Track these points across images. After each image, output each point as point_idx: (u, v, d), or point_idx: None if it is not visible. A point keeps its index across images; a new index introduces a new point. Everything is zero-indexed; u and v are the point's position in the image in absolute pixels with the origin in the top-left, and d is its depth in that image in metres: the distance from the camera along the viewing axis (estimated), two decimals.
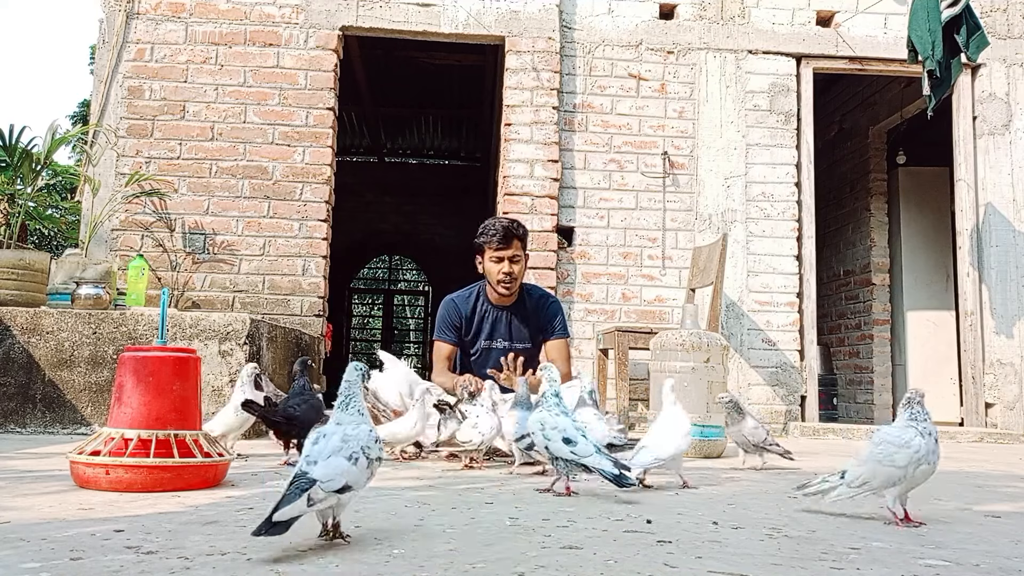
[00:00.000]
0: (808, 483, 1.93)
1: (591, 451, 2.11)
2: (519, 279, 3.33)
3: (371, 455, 1.53)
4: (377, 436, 1.58)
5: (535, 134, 5.20)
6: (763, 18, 5.45)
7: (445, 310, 3.44)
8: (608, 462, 2.09)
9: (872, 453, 1.85)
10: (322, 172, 5.06)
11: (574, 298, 5.14)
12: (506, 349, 3.34)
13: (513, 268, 3.27)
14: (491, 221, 3.37)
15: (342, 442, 1.50)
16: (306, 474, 1.43)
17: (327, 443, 1.50)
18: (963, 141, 5.53)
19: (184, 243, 4.97)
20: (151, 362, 2.20)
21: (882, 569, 1.40)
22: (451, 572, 1.29)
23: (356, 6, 5.18)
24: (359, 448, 1.50)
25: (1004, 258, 5.39)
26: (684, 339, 3.62)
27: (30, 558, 1.31)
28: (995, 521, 1.97)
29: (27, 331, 3.66)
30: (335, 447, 1.49)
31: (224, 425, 2.80)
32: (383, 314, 13.76)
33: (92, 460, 2.09)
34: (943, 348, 6.76)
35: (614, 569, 1.34)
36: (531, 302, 3.44)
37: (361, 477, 1.50)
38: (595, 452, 2.11)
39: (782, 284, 5.26)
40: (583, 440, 2.14)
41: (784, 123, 5.39)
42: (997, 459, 3.81)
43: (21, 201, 4.76)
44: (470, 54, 6.92)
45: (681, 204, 5.29)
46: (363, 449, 1.51)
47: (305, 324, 4.94)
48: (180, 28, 5.11)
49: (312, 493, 1.39)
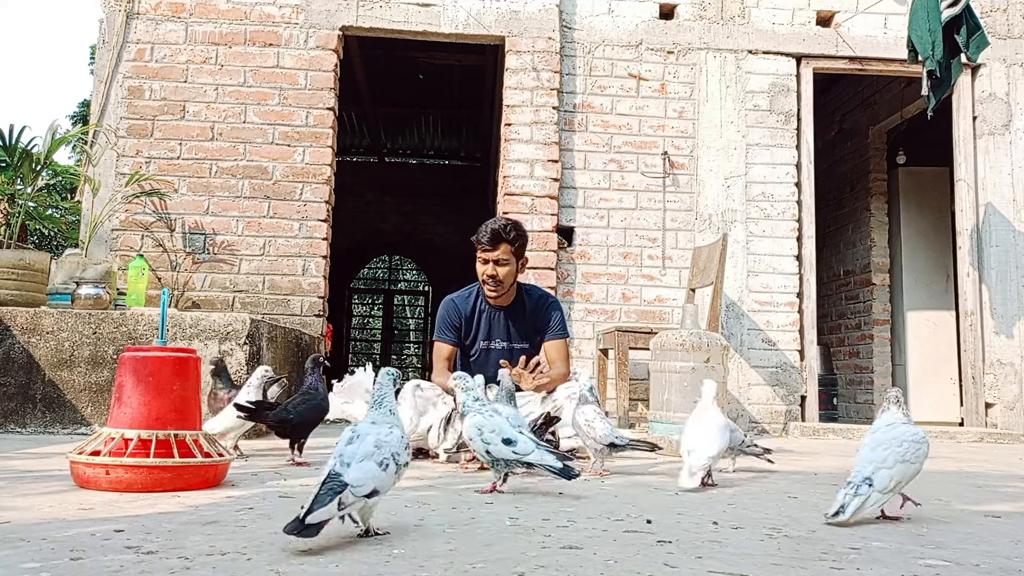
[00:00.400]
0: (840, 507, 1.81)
1: (532, 448, 2.13)
2: (504, 283, 3.26)
3: (400, 461, 1.59)
4: (407, 442, 1.65)
5: (535, 134, 5.20)
6: (763, 18, 5.45)
7: (445, 310, 3.41)
8: (551, 456, 2.11)
9: (898, 453, 1.86)
10: (322, 172, 5.06)
11: (574, 298, 5.14)
12: (504, 350, 3.32)
13: (497, 271, 3.21)
14: (488, 221, 3.34)
15: (375, 447, 1.55)
16: (339, 476, 1.47)
17: (360, 445, 1.55)
18: (963, 141, 5.53)
19: (184, 243, 4.97)
20: (151, 362, 2.20)
21: (882, 569, 1.40)
22: (451, 572, 1.29)
23: (356, 6, 5.18)
24: (390, 455, 1.56)
25: (1004, 258, 5.39)
26: (684, 339, 3.62)
27: (30, 558, 1.31)
28: (995, 521, 1.97)
29: (27, 331, 3.66)
30: (368, 451, 1.54)
31: (223, 425, 2.80)
32: (383, 314, 13.76)
33: (92, 460, 2.09)
34: (943, 348, 6.76)
35: (614, 569, 1.34)
36: (530, 303, 3.41)
37: (388, 482, 1.55)
38: (536, 448, 2.13)
39: (782, 284, 5.26)
40: (522, 438, 2.16)
41: (784, 123, 5.39)
42: (997, 459, 3.81)
43: (21, 201, 4.76)
44: (470, 54, 6.92)
45: (681, 204, 5.29)
46: (393, 456, 1.57)
47: (305, 324, 4.94)
48: (180, 28, 5.11)
49: (343, 497, 1.44)
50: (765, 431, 5.06)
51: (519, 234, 3.27)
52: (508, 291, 3.33)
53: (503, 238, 3.20)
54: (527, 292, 3.44)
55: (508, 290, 3.32)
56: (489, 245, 3.20)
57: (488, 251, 3.21)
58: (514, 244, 3.23)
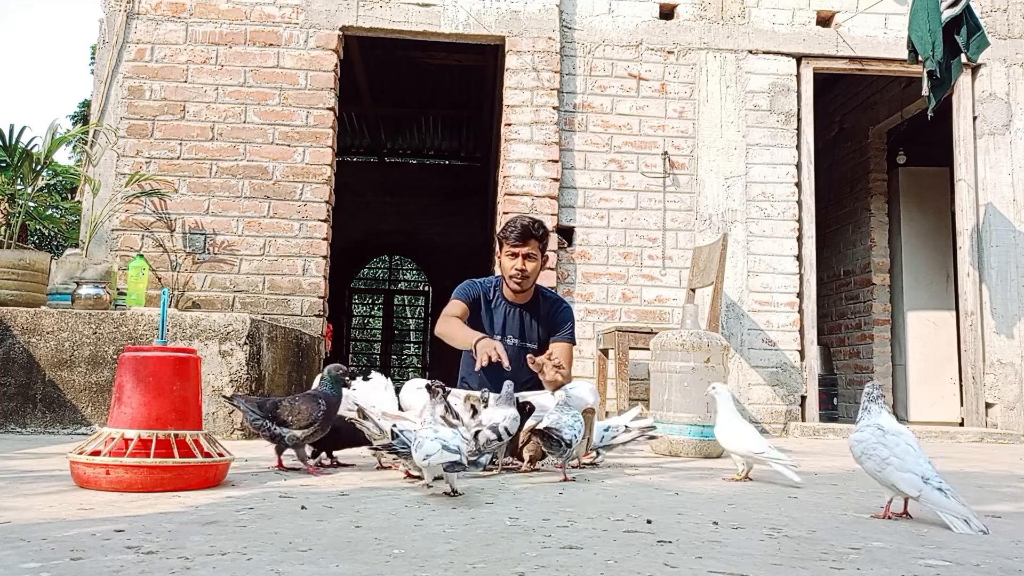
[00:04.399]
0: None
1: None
2: (532, 277, 3.37)
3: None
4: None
5: (535, 134, 5.20)
6: (763, 18, 5.45)
7: (469, 284, 3.52)
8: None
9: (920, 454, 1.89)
10: (322, 172, 5.06)
11: (574, 298, 5.14)
12: (516, 347, 3.39)
13: (526, 265, 3.33)
14: (515, 217, 3.45)
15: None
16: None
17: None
18: (963, 141, 5.53)
19: (184, 243, 4.97)
20: (151, 362, 2.20)
21: (882, 569, 1.40)
22: (451, 572, 1.29)
23: (356, 6, 5.18)
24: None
25: (1004, 258, 5.38)
26: (684, 339, 3.62)
27: (30, 558, 1.31)
28: (995, 521, 1.97)
29: (27, 331, 3.66)
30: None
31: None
32: (383, 314, 13.76)
33: (92, 460, 2.09)
34: (943, 348, 6.76)
35: (614, 569, 1.34)
36: (546, 305, 3.50)
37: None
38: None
39: (782, 284, 5.26)
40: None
41: (784, 123, 5.39)
42: (997, 459, 3.81)
43: (21, 201, 4.76)
44: (470, 54, 6.92)
45: (681, 204, 5.29)
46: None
47: (305, 324, 4.94)
48: (180, 28, 5.11)
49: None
50: (765, 431, 5.06)
51: (545, 231, 3.41)
52: (531, 288, 3.43)
53: (532, 234, 3.32)
54: (544, 294, 3.54)
55: (531, 287, 3.43)
56: (520, 240, 3.31)
57: (518, 246, 3.31)
58: (541, 240, 3.37)
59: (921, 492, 1.81)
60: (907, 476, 1.84)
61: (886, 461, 1.87)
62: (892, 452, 1.87)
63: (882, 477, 1.89)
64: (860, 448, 1.95)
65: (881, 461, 1.88)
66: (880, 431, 1.94)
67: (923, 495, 1.81)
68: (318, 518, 1.74)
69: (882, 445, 1.90)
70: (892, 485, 1.88)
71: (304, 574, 1.26)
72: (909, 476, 1.83)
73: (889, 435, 1.91)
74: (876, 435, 1.93)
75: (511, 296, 3.42)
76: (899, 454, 1.86)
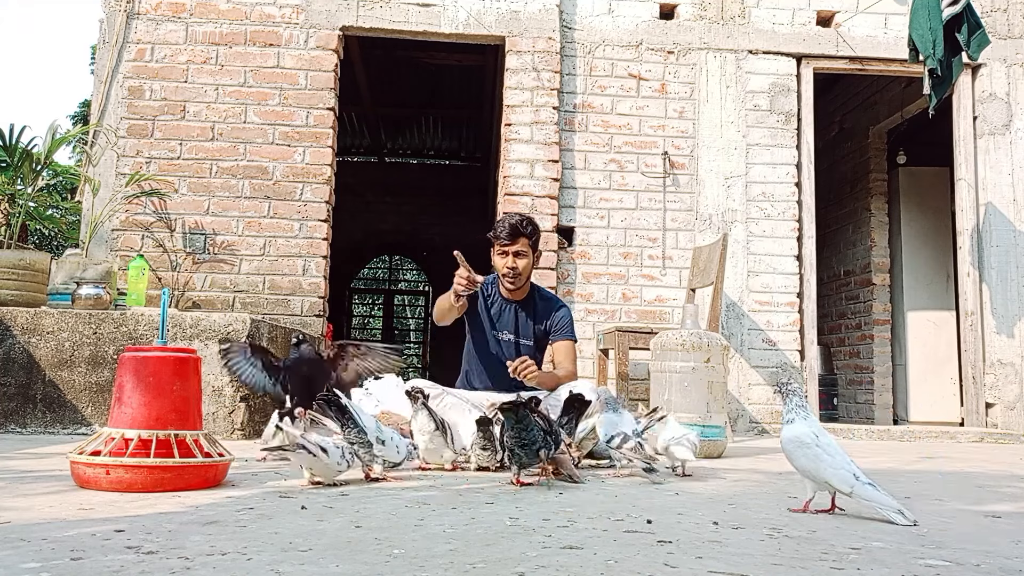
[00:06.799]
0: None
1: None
2: (523, 275, 3.41)
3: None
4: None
5: (535, 134, 5.20)
6: (763, 18, 5.45)
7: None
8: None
9: (844, 454, 1.99)
10: (322, 172, 5.06)
11: (574, 298, 5.14)
12: (511, 343, 3.44)
13: (517, 263, 3.36)
14: (504, 216, 3.49)
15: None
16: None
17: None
18: (963, 141, 5.53)
19: (184, 243, 4.97)
20: (151, 362, 2.20)
21: (882, 569, 1.40)
22: (451, 572, 1.29)
23: (356, 6, 5.18)
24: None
25: (1004, 258, 5.38)
26: (684, 339, 3.62)
27: (30, 558, 1.31)
28: (995, 521, 1.97)
29: (27, 331, 3.66)
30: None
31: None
32: (383, 314, 13.76)
33: (92, 460, 2.09)
34: (943, 348, 6.76)
35: (614, 569, 1.34)
36: (541, 303, 3.54)
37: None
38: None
39: (782, 284, 5.26)
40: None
41: (784, 123, 5.39)
42: (997, 459, 3.81)
43: (21, 201, 4.76)
44: (470, 54, 6.92)
45: (681, 204, 5.29)
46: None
47: (305, 324, 4.94)
48: (180, 28, 5.10)
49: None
50: (765, 431, 5.06)
51: (535, 228, 3.44)
52: (524, 285, 3.46)
53: (521, 232, 3.36)
54: (539, 292, 3.57)
55: (525, 284, 3.46)
56: (508, 239, 3.35)
57: (508, 244, 3.36)
58: (531, 238, 3.40)
59: (853, 488, 1.90)
60: (840, 472, 1.92)
61: (819, 459, 1.95)
62: (824, 450, 1.96)
63: (815, 474, 1.96)
64: (793, 446, 2.01)
65: (814, 458, 1.96)
66: (812, 431, 2.00)
67: (855, 491, 1.90)
68: (318, 518, 1.74)
69: (815, 444, 1.97)
70: (825, 482, 1.95)
71: (304, 574, 1.26)
72: (842, 473, 1.92)
73: (821, 435, 1.99)
74: (809, 434, 1.99)
75: (506, 293, 3.47)
76: (831, 452, 1.95)
